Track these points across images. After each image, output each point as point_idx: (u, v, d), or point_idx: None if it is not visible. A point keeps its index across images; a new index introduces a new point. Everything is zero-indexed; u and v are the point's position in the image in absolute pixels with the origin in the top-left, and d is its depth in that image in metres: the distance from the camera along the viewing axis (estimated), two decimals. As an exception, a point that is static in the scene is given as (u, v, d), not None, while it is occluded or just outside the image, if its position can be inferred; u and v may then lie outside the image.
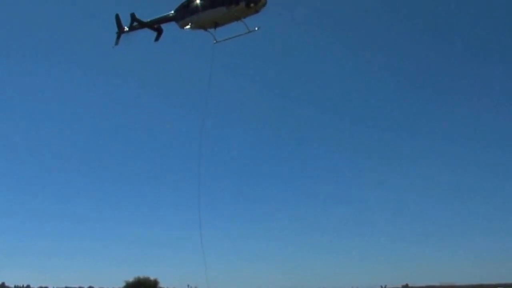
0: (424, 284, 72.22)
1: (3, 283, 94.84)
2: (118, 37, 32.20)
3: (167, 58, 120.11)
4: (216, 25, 27.59)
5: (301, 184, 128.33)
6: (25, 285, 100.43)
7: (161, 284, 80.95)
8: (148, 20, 30.76)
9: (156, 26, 30.86)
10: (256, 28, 27.17)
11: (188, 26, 28.35)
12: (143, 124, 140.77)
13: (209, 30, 28.10)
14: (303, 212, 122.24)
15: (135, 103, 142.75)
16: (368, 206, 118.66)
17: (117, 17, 32.36)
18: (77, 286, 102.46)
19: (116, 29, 32.42)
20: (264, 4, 26.37)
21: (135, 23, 30.90)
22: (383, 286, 70.86)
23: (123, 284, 78.52)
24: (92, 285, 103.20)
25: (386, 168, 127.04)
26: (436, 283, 70.24)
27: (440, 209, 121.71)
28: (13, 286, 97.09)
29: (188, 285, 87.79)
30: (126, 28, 31.96)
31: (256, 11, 26.63)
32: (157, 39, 31.49)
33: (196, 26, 28.12)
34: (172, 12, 29.43)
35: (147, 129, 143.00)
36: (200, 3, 27.55)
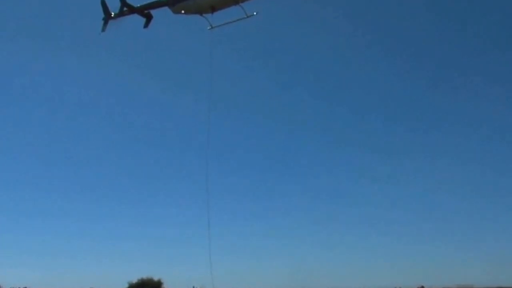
0: (440, 286, 71.57)
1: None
2: (105, 23, 30.75)
3: (160, 45, 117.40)
4: (213, 9, 26.64)
5: (311, 182, 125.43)
6: (22, 287, 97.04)
7: (165, 285, 79.13)
8: (139, 5, 29.47)
9: (146, 11, 29.56)
10: (255, 13, 26.47)
11: (183, 11, 27.26)
12: (145, 118, 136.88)
13: (205, 15, 27.09)
14: (315, 211, 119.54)
15: (142, 96, 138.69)
16: (382, 205, 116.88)
17: (103, 2, 30.87)
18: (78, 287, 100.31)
19: (102, 15, 30.94)
20: None
21: (124, 8, 29.51)
22: (398, 288, 69.83)
23: (126, 285, 76.82)
24: (93, 286, 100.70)
25: (401, 166, 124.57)
26: (453, 285, 69.73)
27: (458, 208, 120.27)
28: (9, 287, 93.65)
29: (193, 286, 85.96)
30: (113, 14, 30.47)
31: None
32: (146, 25, 30.37)
33: (192, 11, 27.07)
34: None
35: (149, 122, 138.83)
36: None
